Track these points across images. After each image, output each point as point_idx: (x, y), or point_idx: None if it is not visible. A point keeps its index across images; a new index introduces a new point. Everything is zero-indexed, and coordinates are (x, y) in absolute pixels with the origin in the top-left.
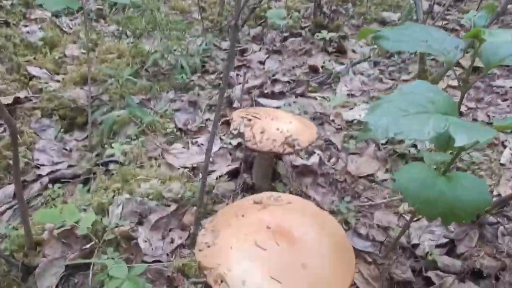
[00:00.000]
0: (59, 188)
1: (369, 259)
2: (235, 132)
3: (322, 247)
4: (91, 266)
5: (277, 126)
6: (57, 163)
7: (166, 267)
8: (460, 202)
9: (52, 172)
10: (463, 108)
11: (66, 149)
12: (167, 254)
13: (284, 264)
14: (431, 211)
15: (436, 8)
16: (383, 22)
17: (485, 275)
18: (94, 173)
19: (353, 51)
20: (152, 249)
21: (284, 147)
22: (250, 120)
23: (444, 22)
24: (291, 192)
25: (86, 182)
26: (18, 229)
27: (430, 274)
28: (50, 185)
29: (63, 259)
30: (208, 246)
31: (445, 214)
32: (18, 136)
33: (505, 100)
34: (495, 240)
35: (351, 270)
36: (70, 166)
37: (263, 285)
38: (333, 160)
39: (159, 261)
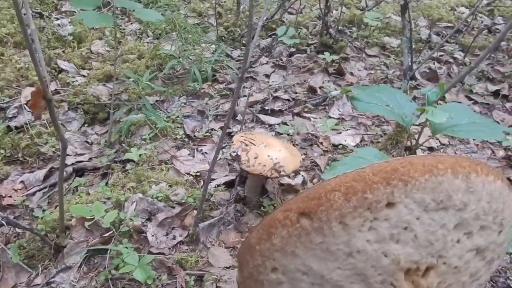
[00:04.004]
0: (80, 178)
1: None
2: (233, 154)
3: None
4: (109, 251)
5: (268, 153)
6: (80, 155)
7: (167, 258)
8: None
9: (76, 162)
10: None
11: (87, 142)
12: (169, 248)
13: None
14: None
15: (435, 38)
16: (384, 47)
17: None
18: (112, 169)
19: (352, 73)
20: (158, 242)
21: (272, 172)
22: (247, 145)
23: (440, 53)
24: (274, 206)
25: (104, 175)
26: (52, 213)
27: None
28: (73, 174)
29: (86, 243)
30: None
31: None
32: (47, 125)
33: None
34: None
35: None
36: (90, 159)
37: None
38: (315, 180)
39: (163, 253)
